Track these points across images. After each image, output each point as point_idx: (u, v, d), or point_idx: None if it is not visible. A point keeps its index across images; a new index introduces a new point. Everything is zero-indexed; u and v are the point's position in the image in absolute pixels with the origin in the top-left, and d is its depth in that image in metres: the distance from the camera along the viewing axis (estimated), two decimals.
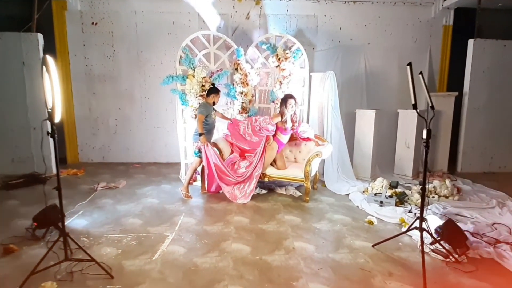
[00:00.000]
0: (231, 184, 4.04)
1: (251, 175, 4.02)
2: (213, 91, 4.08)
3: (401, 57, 5.97)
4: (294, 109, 3.95)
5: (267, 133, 4.00)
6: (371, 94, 5.93)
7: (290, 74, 4.60)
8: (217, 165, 4.00)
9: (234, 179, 4.01)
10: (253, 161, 4.02)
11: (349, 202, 4.02)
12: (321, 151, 3.82)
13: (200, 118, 3.95)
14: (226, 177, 4.03)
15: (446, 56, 6.08)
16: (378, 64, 5.97)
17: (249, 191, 3.97)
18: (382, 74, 5.97)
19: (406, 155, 5.08)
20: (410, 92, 2.60)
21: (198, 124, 3.96)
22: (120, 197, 4.10)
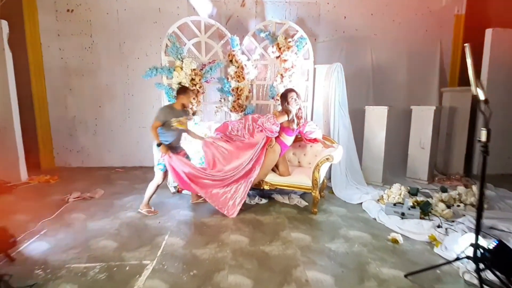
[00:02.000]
0: (209, 188, 3.37)
1: (237, 180, 3.37)
2: (178, 91, 3.30)
3: (410, 49, 5.40)
4: (299, 103, 3.30)
5: (271, 135, 3.35)
6: (379, 89, 5.34)
7: (292, 66, 3.96)
8: (188, 173, 3.31)
9: (213, 180, 3.34)
10: (242, 162, 3.34)
11: (363, 213, 3.40)
12: (332, 155, 3.19)
13: (153, 125, 3.15)
14: (202, 181, 3.35)
15: (458, 48, 5.51)
16: (385, 56, 5.37)
17: (237, 202, 3.31)
18: (390, 67, 5.37)
19: (420, 157, 4.49)
20: (471, 81, 1.93)
21: (151, 130, 3.17)
22: (95, 211, 3.40)
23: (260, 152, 3.39)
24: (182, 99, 3.28)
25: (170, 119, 3.20)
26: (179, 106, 3.29)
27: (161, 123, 3.16)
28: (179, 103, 3.29)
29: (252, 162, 3.35)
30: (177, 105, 3.30)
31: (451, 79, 5.58)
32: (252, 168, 3.37)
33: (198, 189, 3.36)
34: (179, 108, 3.29)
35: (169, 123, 3.19)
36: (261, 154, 3.39)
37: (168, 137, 3.25)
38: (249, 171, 3.37)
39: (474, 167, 5.05)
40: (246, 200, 3.68)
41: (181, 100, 3.28)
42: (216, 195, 3.35)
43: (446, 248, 2.56)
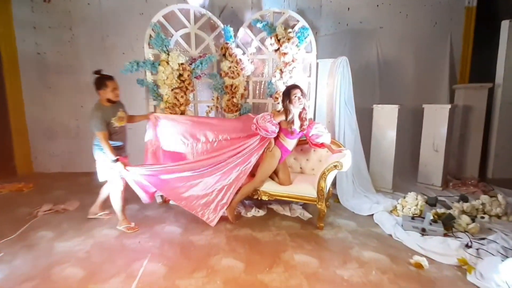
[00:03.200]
0: (188, 186, 2.96)
1: (219, 180, 2.96)
2: (96, 86, 2.64)
3: (418, 43, 4.92)
4: (303, 103, 2.80)
5: (267, 135, 2.85)
6: (385, 86, 4.85)
7: (293, 60, 3.45)
8: (158, 176, 2.89)
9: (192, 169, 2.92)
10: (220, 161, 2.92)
11: (376, 227, 2.91)
12: (341, 162, 2.69)
13: (102, 139, 2.58)
14: (179, 176, 2.94)
15: (469, 43, 5.04)
16: (392, 51, 4.89)
17: (219, 208, 2.89)
18: (397, 63, 4.89)
19: (434, 160, 4.01)
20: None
21: (103, 145, 2.60)
22: (66, 227, 2.88)
23: (249, 154, 2.92)
24: (105, 94, 2.64)
25: (110, 121, 2.67)
26: (106, 103, 2.69)
27: (105, 131, 2.61)
28: (104, 100, 2.67)
29: (237, 160, 2.91)
30: (104, 102, 2.68)
31: (461, 76, 5.11)
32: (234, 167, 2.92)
33: (174, 196, 2.94)
34: (108, 104, 2.69)
35: (111, 123, 2.67)
36: (250, 156, 2.92)
37: (114, 140, 2.71)
38: (230, 170, 2.93)
39: (488, 170, 4.58)
40: (241, 212, 3.19)
41: (104, 96, 2.65)
42: (195, 197, 2.91)
43: (482, 276, 2.08)
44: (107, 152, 2.63)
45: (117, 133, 2.75)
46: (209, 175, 2.95)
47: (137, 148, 3.41)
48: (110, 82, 2.66)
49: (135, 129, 3.47)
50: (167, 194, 3.06)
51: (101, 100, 2.70)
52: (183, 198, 2.93)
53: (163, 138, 3.21)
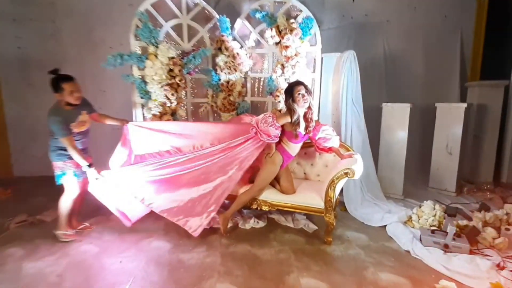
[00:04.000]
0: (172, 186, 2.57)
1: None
2: (52, 85, 2.29)
3: (428, 38, 4.56)
4: (308, 101, 2.44)
5: (269, 140, 2.48)
6: (392, 83, 4.50)
7: (296, 54, 3.09)
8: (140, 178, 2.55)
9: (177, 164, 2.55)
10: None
11: (390, 242, 2.55)
12: (352, 169, 2.32)
13: (70, 146, 2.29)
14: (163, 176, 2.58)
15: (481, 37, 4.69)
16: (399, 46, 4.52)
17: (204, 217, 2.49)
18: (405, 59, 4.53)
19: (447, 163, 3.66)
20: None
21: (71, 151, 2.31)
22: (39, 243, 2.50)
23: (243, 157, 2.52)
24: (64, 97, 2.28)
25: (73, 121, 2.36)
26: (66, 106, 2.33)
27: (71, 135, 2.32)
28: (63, 103, 2.32)
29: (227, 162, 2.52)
30: (63, 106, 2.33)
31: (472, 73, 4.76)
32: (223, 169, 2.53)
33: (157, 207, 2.54)
34: (69, 108, 2.34)
35: (71, 128, 2.35)
36: (244, 158, 2.52)
37: (77, 145, 2.39)
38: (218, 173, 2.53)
39: (503, 174, 4.24)
40: (239, 224, 2.83)
41: (63, 99, 2.29)
42: (177, 202, 2.53)
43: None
44: (77, 158, 2.31)
45: (77, 139, 2.42)
46: (195, 177, 2.56)
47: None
48: (67, 84, 2.29)
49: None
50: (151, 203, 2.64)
51: (60, 103, 2.33)
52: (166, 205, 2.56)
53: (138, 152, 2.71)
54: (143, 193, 2.56)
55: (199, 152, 2.53)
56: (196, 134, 2.61)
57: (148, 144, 2.65)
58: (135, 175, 2.54)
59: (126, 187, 2.52)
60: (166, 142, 2.63)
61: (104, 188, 2.45)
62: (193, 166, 2.54)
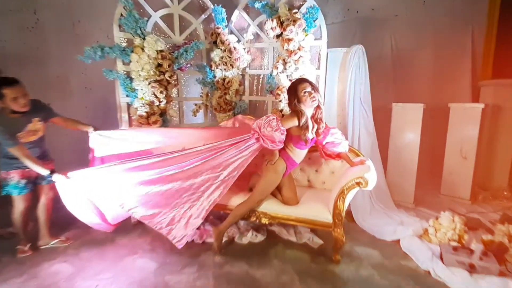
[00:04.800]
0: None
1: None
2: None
3: (437, 34, 4.26)
4: (317, 99, 2.12)
5: (273, 147, 2.15)
6: (400, 82, 4.21)
7: (299, 48, 2.77)
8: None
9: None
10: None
11: (406, 259, 2.24)
12: (365, 178, 2.01)
13: (20, 153, 2.01)
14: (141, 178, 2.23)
15: (493, 34, 4.39)
16: (408, 43, 4.23)
17: (190, 226, 2.16)
18: (414, 56, 4.23)
19: (461, 168, 3.36)
20: None
21: (26, 161, 2.03)
22: (6, 261, 2.16)
23: (236, 160, 2.20)
24: (6, 104, 1.98)
25: (20, 130, 2.07)
26: (12, 114, 2.03)
27: (18, 144, 2.02)
28: (7, 110, 2.01)
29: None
30: (8, 113, 2.02)
31: (484, 71, 4.47)
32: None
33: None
34: (15, 116, 2.03)
35: (16, 137, 2.05)
36: (237, 162, 2.19)
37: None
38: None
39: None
40: (235, 237, 2.51)
41: (6, 105, 1.98)
42: (162, 207, 2.20)
43: None
44: (34, 167, 2.04)
45: (28, 147, 2.12)
46: (181, 180, 2.22)
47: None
48: (8, 90, 1.97)
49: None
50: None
51: (3, 110, 2.01)
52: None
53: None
54: (123, 198, 2.25)
55: (184, 152, 2.20)
56: (182, 140, 2.31)
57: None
58: (111, 177, 2.21)
59: (103, 190, 2.21)
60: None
61: (77, 195, 2.14)
62: (177, 167, 2.21)
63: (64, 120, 2.36)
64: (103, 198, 2.25)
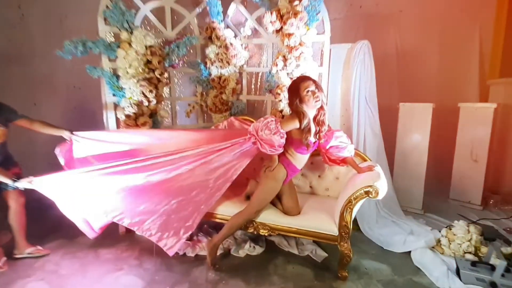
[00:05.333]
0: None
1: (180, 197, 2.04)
2: None
3: (444, 31, 4.05)
4: (320, 99, 1.90)
5: (272, 152, 1.92)
6: (405, 81, 4.00)
7: (301, 44, 2.55)
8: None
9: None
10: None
11: (419, 274, 2.03)
12: (375, 186, 1.80)
13: None
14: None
15: (501, 31, 4.19)
16: (413, 40, 4.02)
17: (182, 232, 1.99)
18: (419, 53, 4.02)
19: (471, 172, 3.15)
20: None
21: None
22: None
23: (230, 165, 2.01)
24: None
25: None
26: None
27: None
28: None
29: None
30: None
31: (491, 69, 4.26)
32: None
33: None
34: None
35: None
36: (231, 166, 2.02)
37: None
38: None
39: None
40: (231, 249, 2.29)
41: None
42: (150, 214, 2.03)
43: None
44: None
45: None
46: (170, 185, 2.04)
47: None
48: None
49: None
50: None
51: None
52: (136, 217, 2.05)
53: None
54: (106, 204, 2.05)
55: (173, 156, 1.99)
56: (172, 142, 2.11)
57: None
58: (90, 181, 2.00)
59: (80, 197, 2.02)
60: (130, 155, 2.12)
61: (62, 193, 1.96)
62: (166, 172, 2.00)
63: (30, 123, 2.12)
64: (81, 203, 2.05)
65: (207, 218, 2.17)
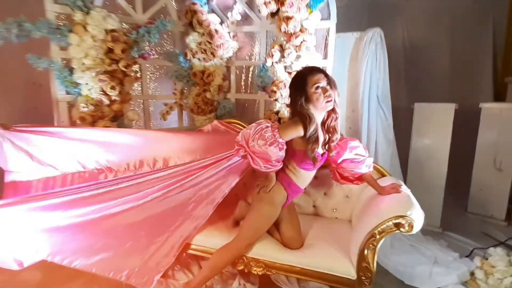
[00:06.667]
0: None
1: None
2: None
3: (454, 23, 3.60)
4: (333, 99, 1.39)
5: (268, 169, 1.39)
6: (413, 78, 3.56)
7: (301, 30, 2.04)
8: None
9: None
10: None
11: None
12: (410, 218, 1.30)
13: None
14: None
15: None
16: (422, 33, 3.57)
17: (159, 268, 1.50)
18: (428, 48, 3.57)
19: (494, 182, 2.71)
20: None
21: None
22: None
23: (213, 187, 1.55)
24: None
25: None
26: None
27: None
28: None
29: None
30: None
31: (504, 66, 3.85)
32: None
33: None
34: None
35: None
36: (214, 188, 1.56)
37: None
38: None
39: None
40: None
41: None
42: (114, 248, 1.52)
43: None
44: None
45: None
46: (135, 216, 1.55)
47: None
48: None
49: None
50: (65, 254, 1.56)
51: None
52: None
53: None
54: (48, 244, 1.51)
55: (139, 180, 1.49)
56: (139, 147, 1.59)
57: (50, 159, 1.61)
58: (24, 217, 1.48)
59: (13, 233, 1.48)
60: (83, 156, 1.60)
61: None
62: (131, 200, 1.49)
63: None
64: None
65: (183, 249, 1.66)
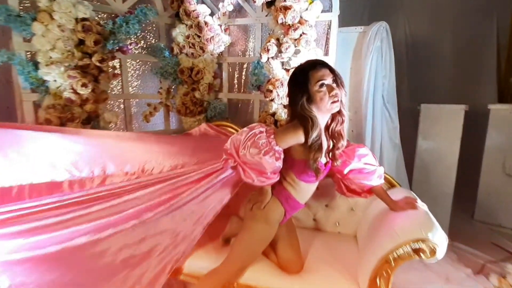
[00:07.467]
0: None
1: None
2: None
3: (457, 20, 3.42)
4: (339, 99, 1.17)
5: (262, 181, 1.16)
6: (416, 77, 3.37)
7: (301, 22, 1.81)
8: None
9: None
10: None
11: None
12: (431, 242, 1.07)
13: None
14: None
15: None
16: (425, 29, 3.39)
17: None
18: (431, 45, 3.39)
19: (504, 188, 2.52)
20: None
21: None
22: None
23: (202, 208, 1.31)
24: None
25: None
26: None
27: None
28: None
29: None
30: None
31: (508, 65, 3.68)
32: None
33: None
34: None
35: None
36: (203, 210, 1.32)
37: None
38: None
39: None
40: None
41: None
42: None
43: None
44: None
45: None
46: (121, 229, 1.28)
47: None
48: None
49: None
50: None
51: None
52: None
53: None
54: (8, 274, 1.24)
55: (116, 200, 1.23)
56: (108, 148, 1.34)
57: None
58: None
59: None
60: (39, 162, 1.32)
61: None
62: (104, 227, 1.23)
63: None
64: None
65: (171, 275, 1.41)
